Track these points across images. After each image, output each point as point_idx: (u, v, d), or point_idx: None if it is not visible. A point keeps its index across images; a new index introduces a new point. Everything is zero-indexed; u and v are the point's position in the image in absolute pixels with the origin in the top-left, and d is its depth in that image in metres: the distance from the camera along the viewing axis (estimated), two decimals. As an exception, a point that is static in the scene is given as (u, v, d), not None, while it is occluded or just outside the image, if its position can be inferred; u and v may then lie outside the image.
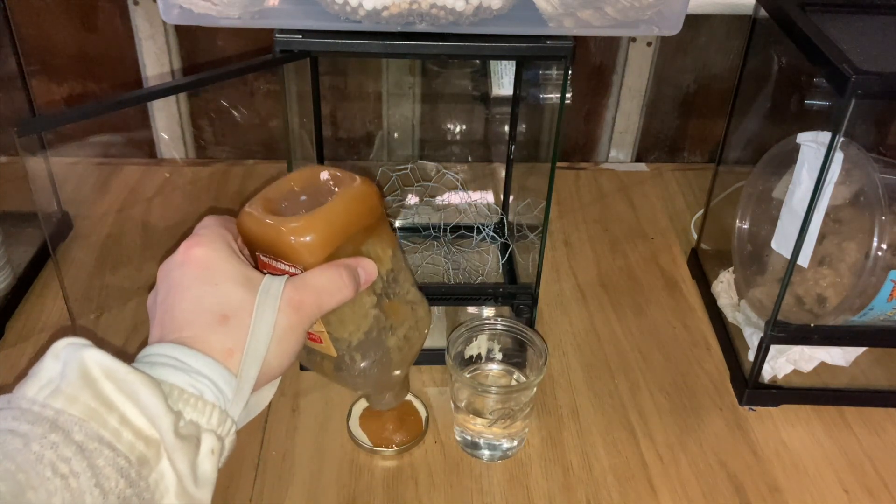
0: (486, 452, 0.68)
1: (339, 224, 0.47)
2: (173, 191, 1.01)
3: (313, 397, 0.73)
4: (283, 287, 0.44)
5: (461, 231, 0.87)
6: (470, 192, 0.92)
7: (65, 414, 0.36)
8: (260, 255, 0.47)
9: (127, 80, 1.03)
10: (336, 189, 0.50)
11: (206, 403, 0.40)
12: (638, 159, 1.14)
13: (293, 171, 0.53)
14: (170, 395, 0.39)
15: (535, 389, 0.66)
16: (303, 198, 0.50)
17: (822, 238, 0.69)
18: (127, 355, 0.40)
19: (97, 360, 0.37)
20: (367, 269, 0.49)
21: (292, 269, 0.46)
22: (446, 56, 0.94)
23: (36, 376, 0.38)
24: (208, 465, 0.40)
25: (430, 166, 0.96)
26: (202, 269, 0.43)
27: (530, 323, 0.73)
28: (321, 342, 0.51)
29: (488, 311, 0.81)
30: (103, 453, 0.36)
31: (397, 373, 0.56)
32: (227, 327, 0.42)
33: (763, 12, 0.72)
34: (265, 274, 0.45)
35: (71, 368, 0.37)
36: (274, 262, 0.47)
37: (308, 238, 0.46)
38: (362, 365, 0.52)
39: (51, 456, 0.34)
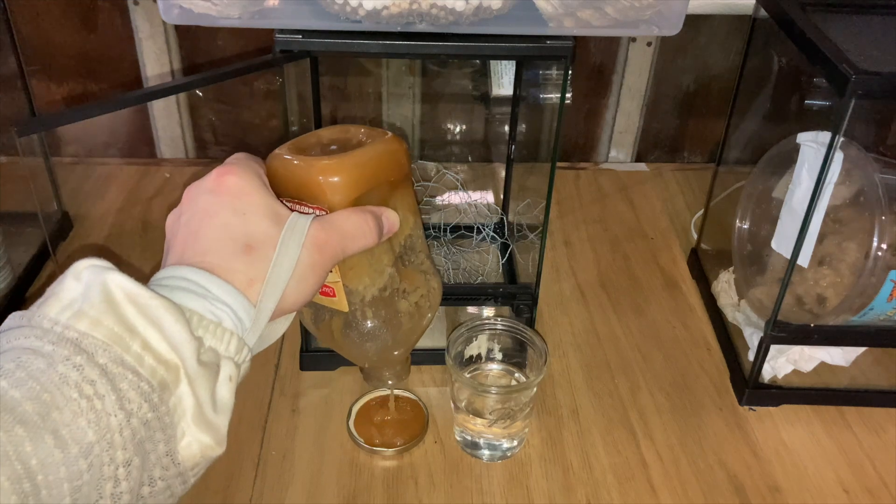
0: (486, 452, 0.68)
1: (368, 170, 0.47)
2: (173, 191, 1.01)
3: (313, 397, 0.73)
4: (309, 224, 0.44)
5: (461, 231, 0.87)
6: (470, 192, 0.92)
7: (89, 337, 0.36)
8: (285, 201, 0.47)
9: (127, 80, 1.03)
10: (367, 141, 0.50)
11: (224, 331, 0.40)
12: (638, 159, 1.14)
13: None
14: (189, 321, 0.39)
15: (535, 389, 0.66)
16: (332, 147, 0.50)
17: (822, 238, 0.69)
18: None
19: (120, 283, 0.37)
20: (391, 219, 0.49)
21: (319, 213, 0.46)
22: (446, 56, 0.94)
23: (56, 296, 0.37)
24: (226, 392, 0.40)
25: (430, 166, 0.96)
26: (232, 197, 0.43)
27: (530, 323, 0.73)
28: (334, 295, 0.50)
29: (488, 311, 0.81)
30: (126, 377, 0.36)
31: (402, 347, 0.55)
32: (250, 257, 0.42)
33: (763, 12, 0.72)
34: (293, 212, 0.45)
35: (94, 291, 0.37)
36: (299, 207, 0.47)
37: (337, 178, 0.46)
38: (371, 324, 0.51)
39: (76, 377, 0.34)
